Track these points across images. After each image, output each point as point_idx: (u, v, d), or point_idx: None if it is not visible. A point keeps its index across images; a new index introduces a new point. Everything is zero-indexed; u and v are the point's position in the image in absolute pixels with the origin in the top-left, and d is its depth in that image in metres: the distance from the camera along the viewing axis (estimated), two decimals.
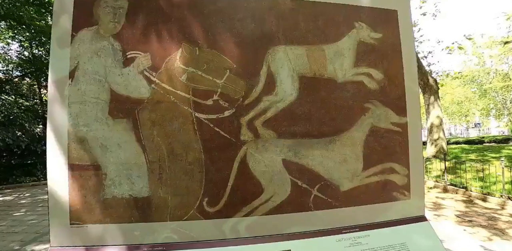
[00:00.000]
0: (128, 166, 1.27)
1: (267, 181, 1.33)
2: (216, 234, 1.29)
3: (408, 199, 1.59)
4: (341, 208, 1.43)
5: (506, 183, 5.86)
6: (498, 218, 5.06)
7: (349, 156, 1.46)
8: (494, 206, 5.71)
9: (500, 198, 5.78)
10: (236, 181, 1.30)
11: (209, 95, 1.32)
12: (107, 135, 1.27)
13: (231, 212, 1.30)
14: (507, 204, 5.58)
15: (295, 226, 1.36)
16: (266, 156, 1.34)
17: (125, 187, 1.27)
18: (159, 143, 1.28)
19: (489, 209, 5.56)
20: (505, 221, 4.93)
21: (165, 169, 1.28)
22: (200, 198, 1.28)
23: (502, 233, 4.42)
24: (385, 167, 1.54)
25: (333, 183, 1.42)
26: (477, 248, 3.85)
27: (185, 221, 1.28)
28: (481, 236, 4.30)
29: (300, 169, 1.38)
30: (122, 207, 1.27)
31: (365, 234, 1.44)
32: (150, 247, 1.27)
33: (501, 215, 5.25)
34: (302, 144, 1.38)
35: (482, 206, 5.80)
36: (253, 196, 1.32)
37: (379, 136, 1.54)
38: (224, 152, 1.31)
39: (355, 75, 1.53)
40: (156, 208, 1.27)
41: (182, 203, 1.28)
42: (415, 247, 1.45)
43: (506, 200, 5.66)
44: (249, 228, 1.31)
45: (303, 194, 1.37)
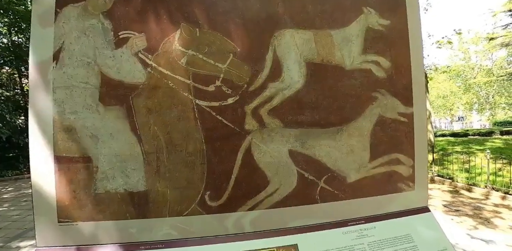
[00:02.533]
0: (122, 158, 1.16)
1: (273, 172, 1.26)
2: (219, 229, 1.21)
3: (412, 190, 1.55)
4: (347, 200, 1.38)
5: (491, 174, 6.05)
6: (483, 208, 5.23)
7: (356, 147, 1.40)
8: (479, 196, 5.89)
9: (485, 189, 5.98)
10: (240, 173, 1.22)
11: (211, 81, 1.22)
12: (98, 123, 1.15)
13: (234, 206, 1.22)
14: (491, 194, 5.77)
15: (301, 219, 1.30)
16: (272, 146, 1.26)
17: (119, 180, 1.17)
18: (156, 132, 1.17)
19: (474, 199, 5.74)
20: (489, 210, 5.10)
21: (163, 161, 1.17)
22: (202, 191, 1.20)
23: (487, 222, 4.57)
24: (391, 158, 1.49)
25: (340, 174, 1.36)
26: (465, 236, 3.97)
27: (185, 217, 1.19)
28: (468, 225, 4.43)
29: (307, 160, 1.30)
30: (116, 203, 1.17)
31: (371, 226, 1.40)
32: (148, 245, 1.18)
33: (485, 204, 5.43)
34: (309, 134, 1.31)
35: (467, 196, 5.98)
36: (258, 189, 1.24)
37: (385, 127, 1.48)
38: (228, 142, 1.21)
39: (363, 63, 1.46)
40: (153, 203, 1.18)
41: (182, 197, 1.19)
42: (420, 239, 1.42)
43: (490, 190, 5.85)
44: (254, 223, 1.24)
45: (310, 186, 1.31)
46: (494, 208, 5.23)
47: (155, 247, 1.18)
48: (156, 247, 1.18)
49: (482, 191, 6.00)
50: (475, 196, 5.97)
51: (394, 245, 1.36)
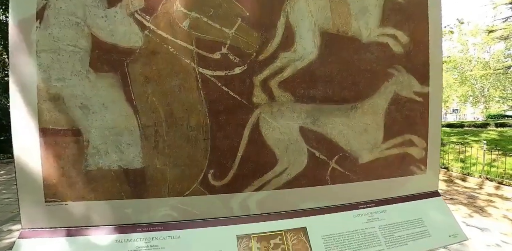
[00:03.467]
0: (116, 131, 1.05)
1: (282, 151, 1.16)
2: (223, 211, 1.12)
3: (424, 174, 1.48)
4: (358, 182, 1.30)
5: (486, 165, 6.09)
6: (477, 197, 5.28)
7: (370, 126, 1.30)
8: (473, 186, 5.95)
9: (479, 179, 6.03)
10: (247, 150, 1.12)
11: (216, 48, 1.09)
12: (89, 92, 1.03)
13: (240, 186, 1.12)
14: (485, 184, 5.83)
15: (311, 201, 1.21)
16: (282, 122, 1.15)
17: (113, 156, 1.05)
18: (154, 103, 1.05)
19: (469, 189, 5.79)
20: (483, 199, 5.15)
21: (162, 135, 1.06)
22: (205, 170, 1.09)
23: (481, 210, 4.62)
24: (405, 139, 1.41)
25: (352, 154, 1.27)
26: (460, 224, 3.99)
27: (186, 197, 1.09)
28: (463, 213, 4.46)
29: (319, 138, 1.21)
30: (109, 181, 1.06)
31: (382, 209, 1.33)
32: (146, 227, 1.08)
33: (479, 194, 5.48)
34: (321, 110, 1.20)
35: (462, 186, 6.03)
36: (266, 168, 1.14)
37: (400, 106, 1.39)
38: (234, 116, 1.10)
39: (380, 36, 1.34)
40: (151, 182, 1.07)
41: (183, 176, 1.08)
42: (431, 223, 1.36)
43: (485, 180, 5.91)
44: (261, 204, 1.15)
45: (321, 167, 1.22)
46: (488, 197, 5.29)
47: (153, 229, 1.09)
48: (155, 229, 1.08)
49: (476, 180, 6.05)
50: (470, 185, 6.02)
51: (406, 229, 1.29)
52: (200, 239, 1.06)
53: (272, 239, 1.09)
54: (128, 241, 1.05)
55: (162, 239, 1.06)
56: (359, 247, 1.16)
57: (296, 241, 1.10)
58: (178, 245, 1.04)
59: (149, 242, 1.05)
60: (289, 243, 1.09)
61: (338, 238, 1.15)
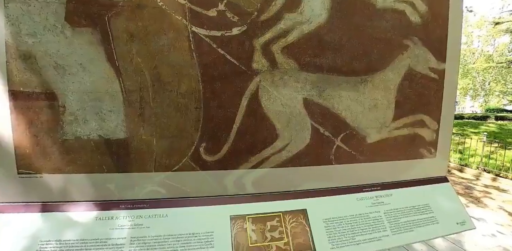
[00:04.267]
0: (96, 96, 0.92)
1: (283, 124, 1.04)
2: (216, 189, 1.01)
3: (433, 158, 1.38)
4: (364, 163, 1.19)
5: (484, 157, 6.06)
6: (474, 188, 5.26)
7: (380, 102, 1.19)
8: (469, 177, 5.93)
9: (476, 170, 6.01)
10: (244, 122, 1.00)
11: (212, 3, 0.95)
12: (64, 50, 0.89)
13: (235, 163, 1.01)
14: (482, 176, 5.81)
15: (312, 181, 1.11)
16: (284, 92, 1.03)
17: (93, 124, 0.93)
18: (139, 65, 0.92)
19: (465, 179, 5.78)
20: (480, 190, 5.14)
21: (148, 102, 0.94)
22: (196, 142, 0.98)
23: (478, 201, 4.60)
24: (416, 119, 1.29)
25: (359, 133, 1.16)
26: None
27: (175, 172, 0.98)
28: None
29: (324, 112, 1.09)
30: (89, 152, 0.95)
31: (387, 193, 1.23)
32: (130, 204, 0.98)
33: (476, 185, 5.47)
34: (328, 81, 1.08)
35: (459, 176, 6.02)
36: (265, 143, 1.03)
37: (414, 82, 1.26)
38: (230, 83, 0.98)
39: (397, 2, 1.20)
40: (136, 155, 0.96)
41: (171, 149, 0.97)
42: (438, 210, 1.27)
43: (482, 171, 5.89)
44: (257, 183, 1.04)
45: (325, 144, 1.10)
46: (485, 188, 5.27)
47: (138, 207, 0.98)
48: (140, 207, 0.98)
49: (473, 172, 6.03)
50: (467, 176, 6.01)
51: (412, 214, 1.20)
52: (190, 219, 0.96)
53: (269, 221, 0.99)
54: (110, 218, 0.95)
55: (148, 217, 0.96)
56: (362, 232, 1.07)
57: (295, 224, 1.00)
58: (165, 225, 0.95)
59: (133, 221, 0.95)
60: (287, 225, 0.99)
61: (341, 222, 1.06)
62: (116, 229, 0.93)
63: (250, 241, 0.94)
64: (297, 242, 0.96)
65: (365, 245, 1.03)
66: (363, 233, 1.06)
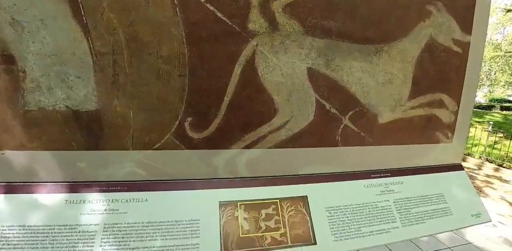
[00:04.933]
0: (61, 59, 0.77)
1: (283, 98, 0.89)
2: (204, 171, 0.88)
3: (449, 143, 1.24)
4: (374, 146, 1.06)
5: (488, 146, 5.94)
6: (476, 177, 5.18)
7: (396, 76, 1.03)
8: (472, 166, 5.84)
9: (479, 159, 5.91)
10: (237, 94, 0.85)
11: None
12: (22, 3, 0.73)
13: (226, 141, 0.87)
14: (484, 165, 5.72)
15: (315, 165, 0.98)
16: (285, 60, 0.87)
17: (58, 93, 0.79)
18: (112, 22, 0.76)
19: (468, 169, 5.70)
20: (481, 180, 5.06)
21: (122, 67, 0.79)
22: (180, 117, 0.83)
23: (480, 191, 4.53)
24: (434, 98, 1.14)
25: (370, 111, 1.01)
26: None
27: (156, 151, 0.85)
28: None
29: (331, 86, 0.94)
30: (56, 126, 0.81)
31: (398, 180, 1.10)
32: (105, 186, 0.85)
33: (478, 174, 5.39)
34: (337, 49, 0.92)
35: None
36: (261, 119, 0.89)
37: (435, 55, 1.10)
38: (221, 46, 0.82)
39: None
40: (110, 130, 0.82)
41: (151, 124, 0.83)
42: (452, 200, 1.15)
43: (484, 161, 5.79)
44: (252, 165, 0.91)
45: (331, 123, 0.96)
46: (487, 178, 5.19)
47: (114, 189, 0.86)
48: (116, 189, 0.86)
49: (476, 161, 5.94)
50: (469, 165, 5.91)
51: (424, 205, 1.08)
52: (172, 204, 0.84)
53: (264, 208, 0.87)
54: (81, 202, 0.83)
55: (125, 202, 0.83)
56: (369, 222, 0.95)
57: (294, 213, 0.88)
58: (144, 210, 0.82)
59: (108, 205, 0.83)
60: (284, 214, 0.87)
61: (345, 211, 0.94)
62: (88, 214, 0.81)
63: (242, 231, 0.82)
64: (295, 233, 0.84)
65: (372, 238, 0.92)
66: (370, 224, 0.94)
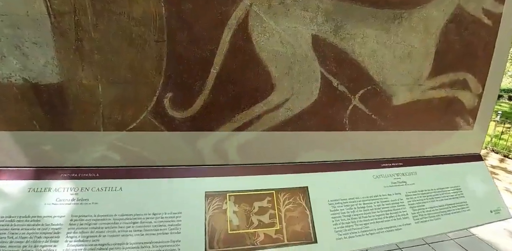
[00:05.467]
0: (13, 21, 0.63)
1: (282, 71, 0.75)
2: (187, 156, 0.76)
3: (470, 130, 1.10)
4: (386, 132, 0.92)
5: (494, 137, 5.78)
6: None
7: (416, 50, 0.88)
8: None
9: (484, 149, 5.78)
10: (227, 65, 0.71)
11: None
12: None
13: (214, 122, 0.74)
14: (489, 156, 5.59)
15: (318, 151, 0.85)
16: (286, 24, 0.72)
17: (13, 63, 0.65)
18: None
19: None
20: None
21: (87, 31, 0.64)
22: (159, 92, 0.70)
23: None
24: (458, 78, 1.00)
25: (385, 90, 0.87)
26: None
27: (131, 133, 0.72)
28: None
29: (340, 58, 0.79)
30: (13, 102, 0.68)
31: (411, 170, 0.98)
32: (74, 172, 0.74)
33: None
34: (349, 13, 0.77)
35: None
36: (255, 96, 0.75)
37: (462, 26, 0.95)
38: (207, 5, 0.67)
39: None
40: (76, 107, 0.69)
41: (124, 100, 0.70)
42: (470, 194, 1.03)
43: (490, 152, 5.66)
44: (244, 150, 0.78)
45: (338, 103, 0.82)
46: (492, 169, 5.08)
47: (84, 176, 0.74)
48: (86, 177, 0.74)
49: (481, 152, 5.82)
50: None
51: (439, 198, 0.96)
52: (151, 194, 0.72)
53: (257, 200, 0.75)
54: (46, 190, 0.71)
55: (96, 191, 0.72)
56: (377, 218, 0.83)
57: (292, 206, 0.76)
58: (118, 201, 0.71)
59: (77, 194, 0.71)
60: (281, 208, 0.75)
61: (351, 205, 0.82)
62: (53, 205, 0.70)
63: (230, 227, 0.70)
64: (293, 229, 0.73)
65: (381, 236, 0.80)
66: (379, 220, 0.82)
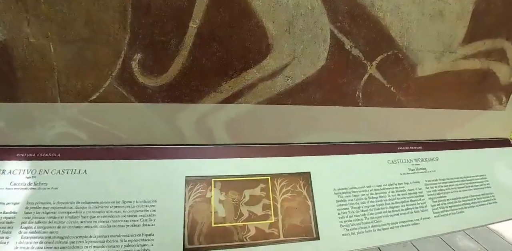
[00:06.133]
0: None
1: (281, 28, 0.59)
2: (165, 134, 0.63)
3: (501, 110, 0.95)
4: (406, 108, 0.77)
5: None
6: None
7: (450, 8, 0.71)
8: None
9: None
10: (210, 18, 0.56)
11: None
12: None
13: (195, 92, 0.60)
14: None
15: (323, 131, 0.71)
16: None
17: None
18: None
19: None
20: None
21: None
22: (125, 52, 0.55)
23: None
24: (495, 47, 0.83)
25: (409, 57, 0.71)
26: None
27: (95, 104, 0.59)
28: None
29: (355, 13, 0.63)
30: None
31: (432, 155, 0.84)
32: (30, 152, 0.62)
33: None
34: None
35: None
36: (247, 60, 0.60)
37: None
38: None
39: None
40: (25, 72, 0.56)
41: (82, 62, 0.56)
42: (497, 184, 0.89)
43: None
44: (233, 127, 0.65)
45: (351, 71, 0.67)
46: None
47: (44, 157, 0.62)
48: (46, 157, 0.62)
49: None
50: None
51: (463, 189, 0.83)
52: (120, 178, 0.60)
53: (248, 188, 0.62)
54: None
55: (56, 173, 0.60)
56: (392, 210, 0.70)
57: (290, 195, 0.63)
58: (81, 186, 0.59)
59: (34, 178, 0.60)
60: (277, 197, 0.62)
61: (360, 195, 0.69)
62: (6, 190, 0.59)
63: (215, 219, 0.58)
64: (290, 223, 0.60)
65: (395, 232, 0.67)
66: (393, 213, 0.69)
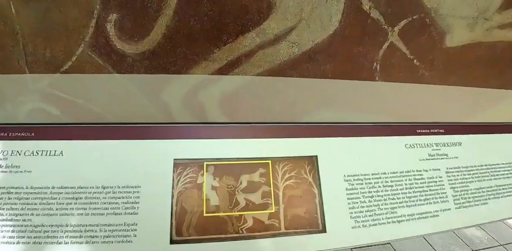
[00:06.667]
0: None
1: None
2: (149, 110, 0.54)
3: None
4: (430, 85, 0.67)
5: None
6: None
7: None
8: None
9: None
10: None
11: None
12: None
13: (183, 60, 0.51)
14: None
15: (333, 109, 0.62)
16: None
17: None
18: None
19: None
20: None
21: None
22: (97, 12, 0.46)
23: None
24: None
25: (437, 23, 0.60)
26: None
27: (68, 75, 0.51)
28: None
29: None
30: None
31: (455, 140, 0.74)
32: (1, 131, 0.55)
33: None
34: None
35: None
36: (243, 22, 0.50)
37: None
38: None
39: None
40: None
41: (49, 25, 0.47)
42: None
43: None
44: (229, 103, 0.56)
45: (368, 37, 0.57)
46: None
47: (16, 136, 0.55)
48: (18, 137, 0.55)
49: None
50: None
51: (488, 178, 0.74)
52: (100, 161, 0.53)
53: (246, 173, 0.55)
54: None
55: (30, 155, 0.53)
56: (408, 200, 0.62)
57: (294, 182, 0.55)
58: (57, 169, 0.52)
59: (5, 159, 0.53)
60: (278, 183, 0.55)
61: (374, 183, 0.60)
62: None
63: (207, 208, 0.51)
64: (293, 214, 0.53)
65: (412, 224, 0.60)
66: (410, 204, 0.61)
